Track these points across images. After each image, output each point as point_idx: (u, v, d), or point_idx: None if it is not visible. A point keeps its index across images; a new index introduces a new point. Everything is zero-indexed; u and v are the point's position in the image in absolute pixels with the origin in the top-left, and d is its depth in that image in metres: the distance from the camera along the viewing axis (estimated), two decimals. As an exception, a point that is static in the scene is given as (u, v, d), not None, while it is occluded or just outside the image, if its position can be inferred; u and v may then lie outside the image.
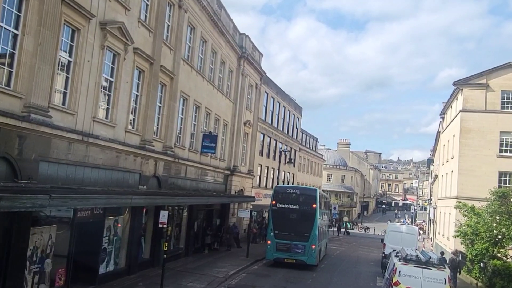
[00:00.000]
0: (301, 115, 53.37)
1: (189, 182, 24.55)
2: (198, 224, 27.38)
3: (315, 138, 66.27)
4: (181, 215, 24.86)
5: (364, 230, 72.08)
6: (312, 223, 24.82)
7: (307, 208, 25.12)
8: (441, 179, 41.39)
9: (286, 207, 25.21)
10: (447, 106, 38.82)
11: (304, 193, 26.22)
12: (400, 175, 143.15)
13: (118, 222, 17.64)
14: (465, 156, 31.70)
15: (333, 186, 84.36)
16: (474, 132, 31.73)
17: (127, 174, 17.50)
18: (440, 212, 40.00)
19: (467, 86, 32.16)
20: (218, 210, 31.14)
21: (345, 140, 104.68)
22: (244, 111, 34.26)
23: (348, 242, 49.32)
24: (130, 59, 17.30)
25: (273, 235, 25.00)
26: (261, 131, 38.93)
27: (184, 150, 23.76)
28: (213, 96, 28.10)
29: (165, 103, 21.08)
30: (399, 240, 29.35)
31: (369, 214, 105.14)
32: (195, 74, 24.66)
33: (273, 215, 25.44)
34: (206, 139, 26.01)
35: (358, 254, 37.99)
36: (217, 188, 29.76)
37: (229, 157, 32.13)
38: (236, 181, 32.93)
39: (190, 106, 24.29)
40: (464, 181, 31.43)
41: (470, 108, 31.98)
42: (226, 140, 31.60)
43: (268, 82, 40.39)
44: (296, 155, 51.68)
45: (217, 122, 29.50)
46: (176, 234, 24.53)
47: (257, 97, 37.49)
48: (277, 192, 26.13)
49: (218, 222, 31.09)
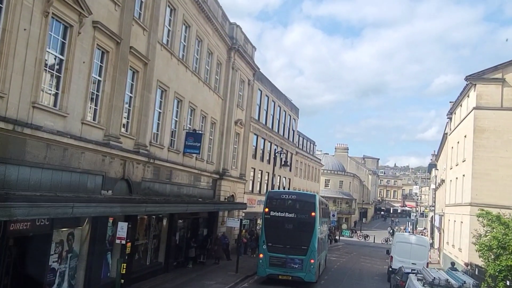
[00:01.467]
0: (298, 116, 50.24)
1: (169, 187, 21.30)
2: (181, 235, 24.09)
3: (312, 142, 63.10)
4: (159, 225, 21.58)
5: (364, 238, 68.72)
6: (310, 234, 21.55)
7: (305, 217, 21.86)
8: (449, 184, 38.22)
9: (280, 215, 21.91)
10: (456, 104, 35.73)
11: (301, 200, 22.93)
12: (398, 181, 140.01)
13: (73, 236, 14.34)
14: (480, 158, 28.56)
15: (330, 192, 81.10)
16: (489, 132, 28.61)
17: (84, 176, 14.22)
18: (449, 220, 36.79)
19: (481, 81, 29.06)
20: (206, 218, 27.87)
21: (343, 144, 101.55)
22: (235, 109, 31.09)
23: (348, 252, 46.02)
24: (88, 34, 14.08)
25: (265, 247, 21.68)
26: (254, 131, 35.73)
27: (162, 149, 20.53)
28: (199, 90, 24.91)
29: (138, 93, 17.85)
30: (408, 253, 26.27)
31: (368, 221, 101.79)
32: (176, 63, 21.47)
33: (266, 225, 22.14)
34: (189, 138, 22.79)
35: (360, 266, 34.71)
36: (204, 194, 26.51)
37: (217, 159, 28.90)
38: (226, 186, 29.68)
39: (170, 99, 21.08)
40: (478, 186, 28.26)
41: (484, 105, 28.87)
42: (214, 141, 28.38)
43: (262, 79, 37.26)
44: (292, 159, 48.48)
45: (203, 119, 26.29)
46: (154, 247, 21.25)
47: (249, 94, 34.32)
48: (270, 198, 22.84)
49: (205, 232, 27.82)
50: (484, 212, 21.71)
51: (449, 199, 37.61)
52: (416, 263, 25.82)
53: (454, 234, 33.97)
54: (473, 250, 26.97)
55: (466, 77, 29.44)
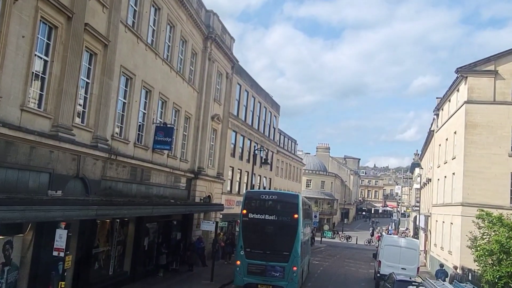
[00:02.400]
0: (279, 113, 48.23)
1: (135, 187, 19.01)
2: (151, 240, 21.80)
3: (293, 141, 61.20)
4: (125, 230, 19.27)
5: (346, 239, 67.19)
6: (293, 238, 19.47)
7: (287, 219, 19.77)
8: (436, 183, 36.69)
9: (260, 217, 19.77)
10: (444, 100, 34.21)
11: (283, 200, 20.80)
12: (380, 181, 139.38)
13: (11, 245, 11.97)
14: (471, 155, 26.96)
15: (312, 192, 79.38)
16: (481, 127, 27.04)
17: (25, 173, 11.88)
18: (437, 221, 35.24)
19: (473, 73, 27.48)
20: (180, 221, 25.60)
21: (324, 144, 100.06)
22: (212, 104, 28.89)
23: (331, 254, 44.19)
24: (30, 4, 11.75)
25: (243, 254, 19.50)
26: (232, 128, 33.56)
27: (127, 144, 18.23)
28: (171, 81, 22.66)
29: (96, 78, 15.53)
30: (397, 257, 24.47)
31: (349, 221, 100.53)
32: (143, 48, 19.19)
33: (244, 228, 19.96)
34: (159, 133, 20.53)
35: (345, 270, 32.84)
36: (177, 195, 24.26)
37: (192, 157, 26.66)
38: (202, 186, 27.46)
39: (137, 88, 18.78)
40: (470, 185, 26.65)
41: (476, 99, 27.29)
42: (189, 137, 26.13)
43: (241, 72, 35.11)
44: (273, 157, 46.45)
45: (176, 113, 24.05)
46: (119, 254, 18.92)
47: (228, 88, 32.15)
48: (248, 199, 20.66)
49: (178, 236, 25.55)
50: (484, 213, 19.99)
51: (436, 198, 36.07)
52: (406, 268, 24.07)
53: (442, 235, 32.38)
54: (466, 253, 25.38)
55: (457, 69, 27.83)
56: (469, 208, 26.31)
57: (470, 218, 25.78)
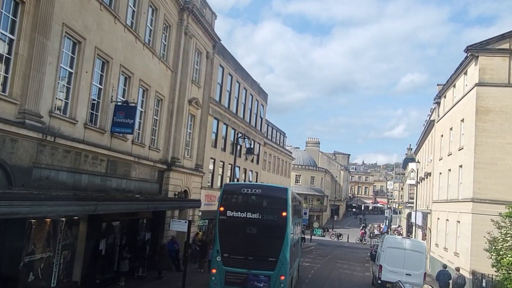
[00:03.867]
0: (267, 102, 44.74)
1: (86, 178, 15.42)
2: (110, 243, 18.22)
3: (282, 133, 57.78)
4: (73, 231, 15.68)
5: (337, 237, 64.03)
6: (281, 241, 16.04)
7: (273, 218, 16.32)
8: (437, 177, 33.56)
9: (240, 216, 16.26)
10: (448, 85, 30.99)
11: (269, 195, 17.24)
12: (370, 177, 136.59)
13: None
14: (483, 145, 23.78)
15: (302, 188, 76.02)
16: (494, 113, 23.87)
17: None
18: (438, 219, 32.10)
19: (485, 52, 24.26)
20: (149, 220, 22.12)
21: (314, 139, 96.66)
22: (190, 85, 25.34)
23: (322, 254, 40.92)
24: None
25: (220, 260, 16.02)
26: (214, 115, 30.01)
27: (74, 125, 14.62)
28: (137, 53, 19.06)
29: (24, 35, 11.90)
30: (401, 261, 21.20)
31: (339, 218, 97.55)
32: (97, 7, 15.56)
33: (221, 229, 16.45)
34: (119, 113, 16.93)
35: (338, 273, 29.53)
36: (145, 189, 20.73)
37: (165, 145, 23.12)
38: (176, 179, 23.92)
39: (88, 56, 15.16)
40: (482, 178, 23.48)
41: (488, 81, 24.09)
42: (161, 122, 22.56)
43: (224, 54, 31.54)
44: (260, 150, 42.99)
45: (144, 93, 20.47)
46: (65, 261, 15.35)
47: (208, 70, 28.58)
48: (226, 193, 17.10)
49: (147, 237, 22.05)
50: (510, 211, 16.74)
51: (438, 194, 32.92)
52: (411, 274, 20.83)
53: (446, 235, 29.23)
54: (478, 256, 22.27)
55: (466, 48, 24.57)
56: (480, 205, 23.26)
57: (481, 216, 22.81)
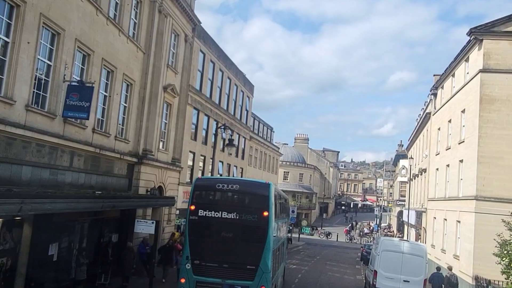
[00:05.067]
0: (253, 94, 42.26)
1: (28, 171, 12.86)
2: (64, 247, 15.66)
3: (270, 128, 55.38)
4: (15, 234, 13.12)
5: (326, 236, 61.90)
6: (262, 245, 13.62)
7: (253, 219, 13.87)
8: (434, 174, 31.44)
9: (214, 216, 13.78)
10: (447, 74, 28.84)
11: (248, 191, 14.73)
12: (359, 175, 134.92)
13: None
14: (488, 137, 21.64)
15: (290, 185, 73.91)
16: (500, 102, 21.74)
17: None
18: (435, 218, 29.99)
19: (490, 35, 22.10)
20: (116, 220, 19.59)
21: (303, 135, 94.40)
22: (165, 70, 22.85)
23: (310, 255, 38.69)
24: None
25: (190, 268, 13.56)
26: (194, 105, 27.52)
27: (11, 106, 12.06)
28: (98, 29, 16.50)
29: None
30: (398, 266, 18.94)
31: (329, 216, 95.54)
32: (42, -35, 12.99)
33: (191, 232, 13.95)
34: (72, 94, 14.36)
35: (328, 277, 27.25)
36: (110, 184, 18.24)
37: (136, 136, 20.61)
38: (149, 174, 21.43)
39: (30, 23, 12.58)
40: (486, 174, 21.35)
41: (494, 67, 21.94)
42: (130, 109, 20.02)
43: (205, 38, 29.01)
44: (245, 144, 40.57)
45: (109, 75, 17.93)
46: (3, 270, 12.79)
47: (187, 55, 26.05)
48: (198, 189, 14.56)
49: (114, 239, 19.55)
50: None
51: (434, 191, 30.81)
52: (410, 281, 18.59)
53: (444, 236, 27.11)
54: (482, 259, 20.17)
55: (470, 31, 22.37)
56: (484, 203, 21.15)
57: (485, 216, 20.71)
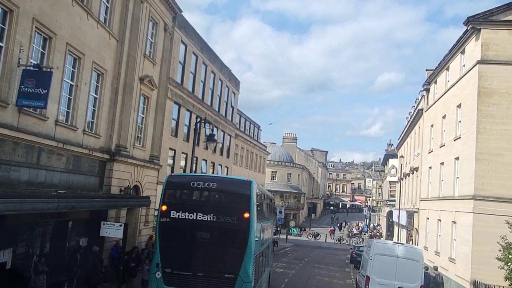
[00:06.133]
0: (239, 90, 40.68)
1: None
2: (21, 253, 13.94)
3: (257, 126, 53.85)
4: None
5: (314, 237, 60.58)
6: (241, 251, 12.04)
7: (232, 221, 12.27)
8: (426, 173, 30.16)
9: (189, 218, 12.16)
10: (440, 68, 27.56)
11: (227, 191, 13.10)
12: (348, 175, 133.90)
13: None
14: (486, 132, 20.33)
15: (278, 185, 72.48)
16: (499, 95, 20.45)
17: None
18: (428, 219, 28.69)
19: (489, 24, 20.80)
20: (86, 222, 17.85)
21: (291, 134, 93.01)
22: (142, 60, 21.20)
23: (298, 257, 37.23)
24: None
25: (160, 277, 11.95)
26: (174, 99, 25.88)
27: (-51, 90, 10.34)
28: (62, 9, 14.80)
29: None
30: (392, 271, 17.54)
31: (317, 217, 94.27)
32: None
33: (162, 236, 12.31)
34: (28, 80, 12.67)
35: (316, 282, 25.80)
36: (78, 183, 16.55)
37: (108, 130, 18.91)
38: (123, 171, 19.74)
39: (-26, -5, 10.89)
40: (485, 172, 20.02)
41: (493, 58, 20.66)
42: (102, 101, 18.32)
43: (186, 29, 27.37)
44: (231, 142, 38.98)
45: (76, 62, 16.24)
46: None
47: (167, 45, 24.38)
48: (171, 188, 12.88)
49: (83, 242, 17.81)
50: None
51: (427, 191, 29.52)
52: (405, 287, 17.17)
53: (438, 238, 25.81)
54: (480, 263, 18.85)
55: (467, 19, 21.04)
56: (482, 203, 19.83)
57: (484, 216, 19.44)
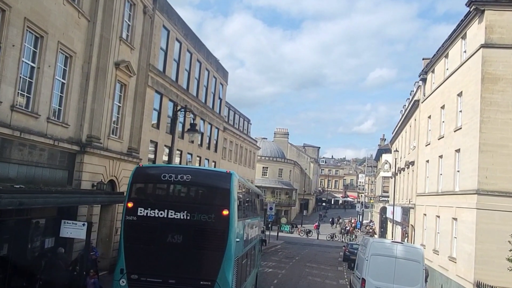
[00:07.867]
0: (227, 82, 38.91)
1: None
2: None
3: (247, 119, 52.13)
4: None
5: (306, 234, 59.23)
6: (220, 254, 10.37)
7: (209, 219, 10.57)
8: (423, 167, 28.67)
9: (159, 216, 10.47)
10: (439, 55, 26.02)
11: (203, 184, 11.28)
12: (340, 171, 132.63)
13: None
14: (490, 121, 18.82)
15: (269, 181, 70.87)
16: (504, 82, 18.94)
17: None
18: (425, 215, 27.21)
19: (493, 5, 19.27)
20: (54, 220, 16.05)
21: (283, 129, 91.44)
22: (117, 44, 19.41)
23: (288, 256, 35.67)
24: None
25: (125, 284, 10.26)
26: (156, 88, 24.10)
27: None
28: (18, -21, 12.99)
29: None
30: (390, 273, 15.96)
31: (309, 213, 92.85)
32: None
33: (128, 237, 10.58)
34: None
35: (307, 282, 24.23)
36: (42, 177, 14.81)
37: (78, 119, 17.14)
38: (96, 165, 17.98)
39: None
40: (489, 165, 18.52)
41: (497, 41, 19.13)
42: (70, 86, 16.53)
43: (169, 13, 25.56)
44: (219, 136, 37.25)
45: (38, 41, 14.46)
46: None
47: (147, 29, 22.58)
48: (138, 180, 11.03)
49: (51, 243, 16.07)
50: None
51: (424, 186, 28.05)
52: (404, 291, 15.62)
53: (437, 235, 24.34)
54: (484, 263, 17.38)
55: (469, 0, 19.46)
56: (487, 198, 18.36)
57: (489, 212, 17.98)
